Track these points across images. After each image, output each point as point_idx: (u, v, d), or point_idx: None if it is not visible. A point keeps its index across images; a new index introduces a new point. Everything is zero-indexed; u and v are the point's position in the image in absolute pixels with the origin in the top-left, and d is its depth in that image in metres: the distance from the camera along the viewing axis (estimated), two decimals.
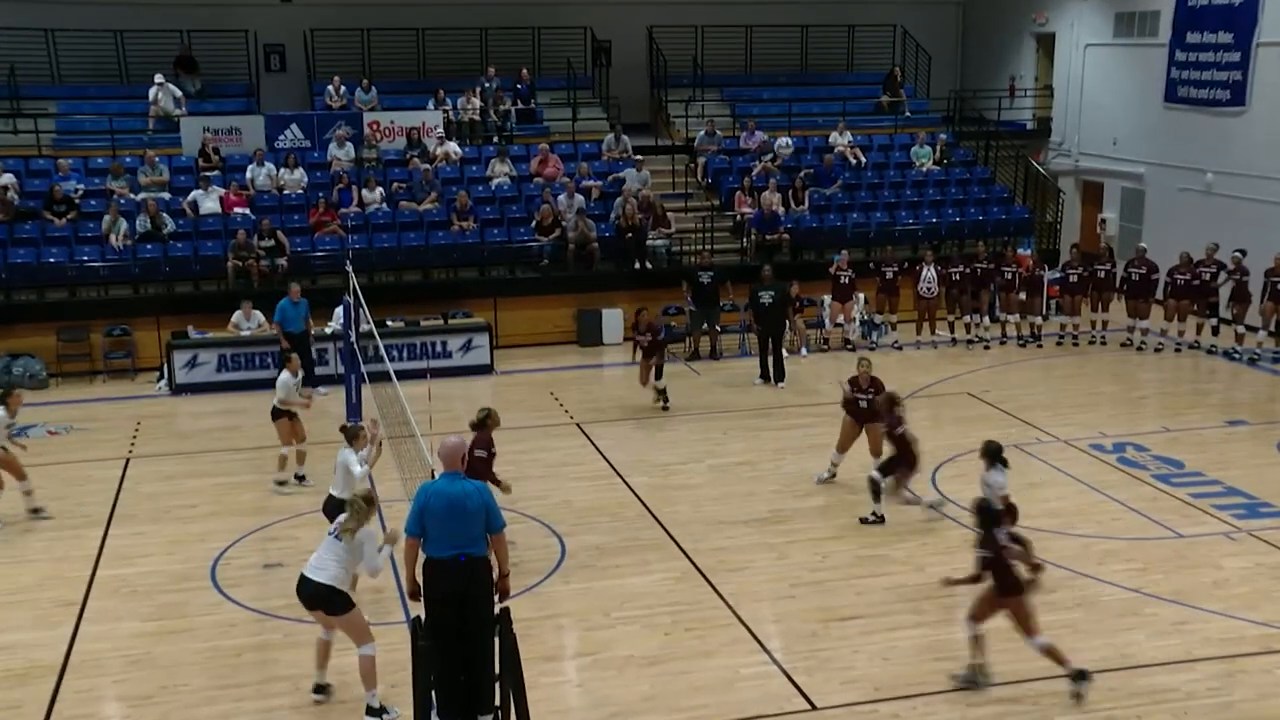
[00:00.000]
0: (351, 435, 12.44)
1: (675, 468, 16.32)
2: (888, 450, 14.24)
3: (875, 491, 14.08)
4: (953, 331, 23.05)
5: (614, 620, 11.81)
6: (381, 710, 9.90)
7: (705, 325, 22.27)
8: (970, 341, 22.82)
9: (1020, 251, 24.20)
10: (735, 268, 23.13)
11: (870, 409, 14.94)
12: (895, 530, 13.88)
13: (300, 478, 15.56)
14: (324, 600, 9.86)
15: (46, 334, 21.36)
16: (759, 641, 11.35)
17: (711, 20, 29.94)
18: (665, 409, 18.80)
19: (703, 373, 21.40)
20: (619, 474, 16.01)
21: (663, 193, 25.89)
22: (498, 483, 12.71)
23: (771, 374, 20.34)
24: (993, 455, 12.28)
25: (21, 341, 21.15)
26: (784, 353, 20.85)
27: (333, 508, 11.52)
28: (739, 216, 25.15)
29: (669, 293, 23.17)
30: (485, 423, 13.05)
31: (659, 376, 18.75)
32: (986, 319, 23.15)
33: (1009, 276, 22.82)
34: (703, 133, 27.43)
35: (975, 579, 10.40)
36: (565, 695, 10.53)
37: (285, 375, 15.53)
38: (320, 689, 10.33)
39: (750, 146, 27.04)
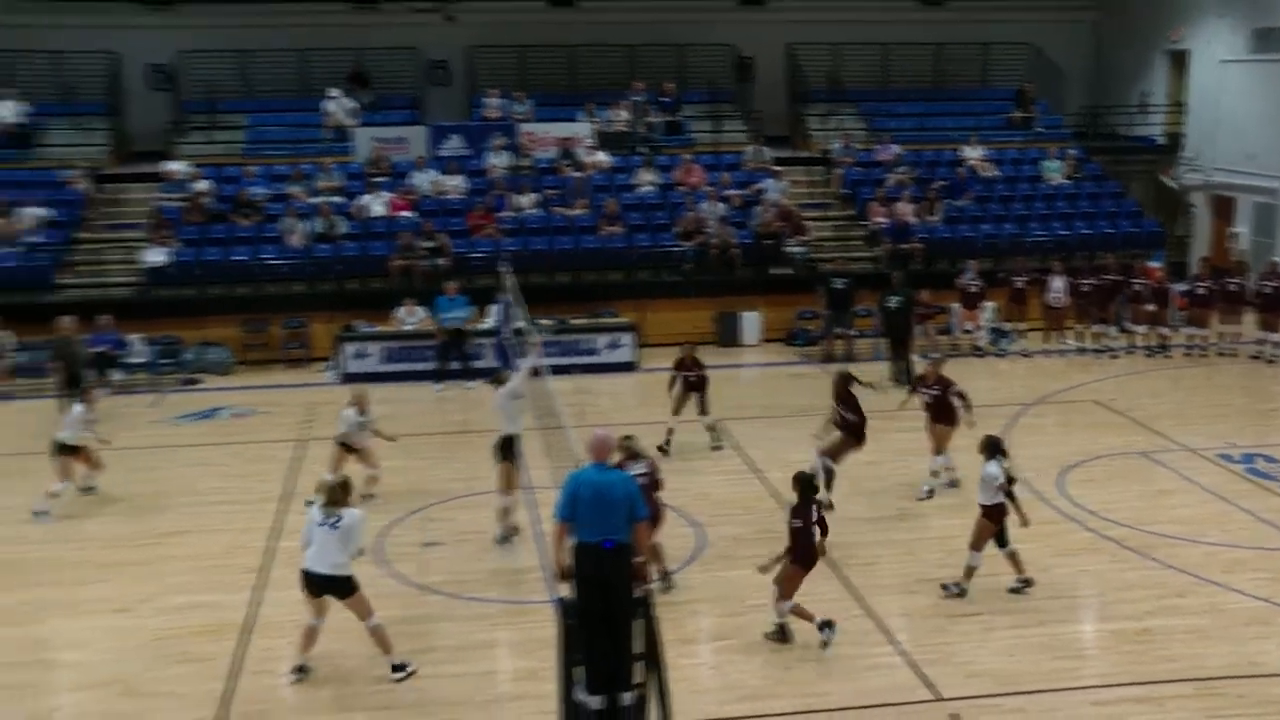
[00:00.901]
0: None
1: (808, 465, 16.18)
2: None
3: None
4: (1080, 340, 22.49)
5: (748, 608, 11.78)
6: (404, 665, 10.41)
7: (838, 329, 22.07)
8: (1098, 351, 22.22)
9: (1150, 264, 23.50)
10: (868, 275, 22.90)
11: (935, 405, 14.79)
12: (1019, 532, 13.58)
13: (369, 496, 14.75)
14: (335, 586, 10.26)
15: (232, 325, 22.14)
16: (886, 634, 11.24)
17: (850, 38, 29.71)
18: (718, 448, 16.86)
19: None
20: (755, 469, 15.98)
21: (800, 202, 25.75)
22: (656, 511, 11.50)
23: (900, 377, 20.06)
24: (991, 448, 11.93)
25: (211, 332, 21.98)
26: (912, 357, 20.57)
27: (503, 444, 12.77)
28: (872, 226, 24.88)
29: (804, 298, 23.07)
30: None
31: (704, 412, 16.90)
32: (1114, 329, 22.54)
33: (1138, 288, 22.20)
34: (839, 145, 27.20)
35: (787, 552, 10.88)
36: (700, 677, 10.56)
37: (350, 412, 14.68)
38: (301, 669, 10.52)
39: (885, 159, 26.72)
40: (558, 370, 17.28)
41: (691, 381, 16.74)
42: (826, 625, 10.92)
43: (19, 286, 22.00)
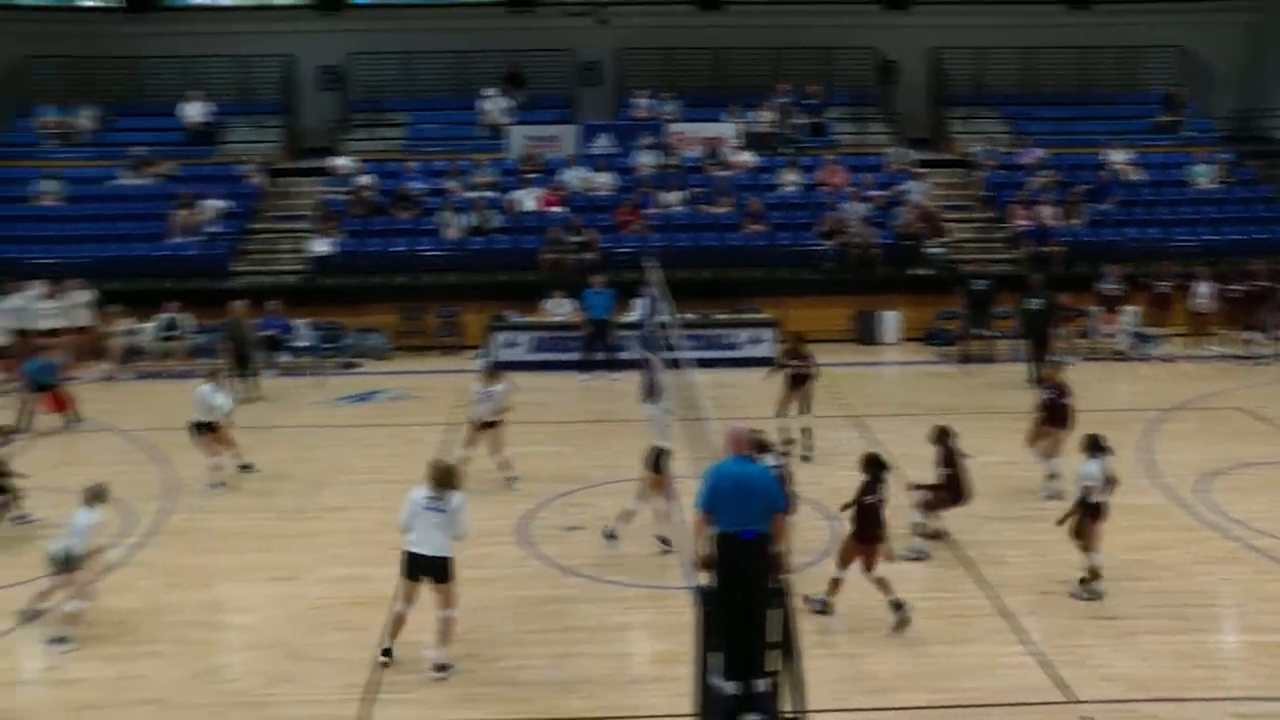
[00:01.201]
0: None
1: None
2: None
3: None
4: (1226, 346, 21.64)
5: (881, 601, 11.65)
6: (448, 666, 10.29)
7: (975, 329, 21.63)
8: (1244, 357, 21.37)
9: None
10: (1008, 277, 22.40)
11: (1049, 407, 14.41)
12: (1158, 538, 13.18)
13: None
14: (436, 569, 10.21)
15: (390, 313, 22.72)
16: (1019, 633, 11.00)
17: (994, 41, 29.09)
18: (808, 459, 15.70)
19: (974, 375, 20.82)
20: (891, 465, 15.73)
21: (941, 204, 25.32)
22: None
23: (1038, 379, 19.59)
24: (1092, 447, 11.49)
25: (370, 319, 22.62)
26: (1050, 359, 20.05)
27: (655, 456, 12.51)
28: (1014, 228, 24.32)
29: (944, 298, 22.72)
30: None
31: (807, 410, 15.98)
32: (1262, 335, 21.64)
33: None
34: (981, 148, 26.65)
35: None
36: (833, 667, 10.46)
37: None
38: (388, 653, 10.54)
39: (1028, 162, 26.08)
40: (701, 364, 17.32)
41: (797, 374, 15.92)
42: (898, 606, 10.93)
43: (198, 273, 22.95)
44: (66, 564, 10.76)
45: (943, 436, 12.91)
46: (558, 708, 9.82)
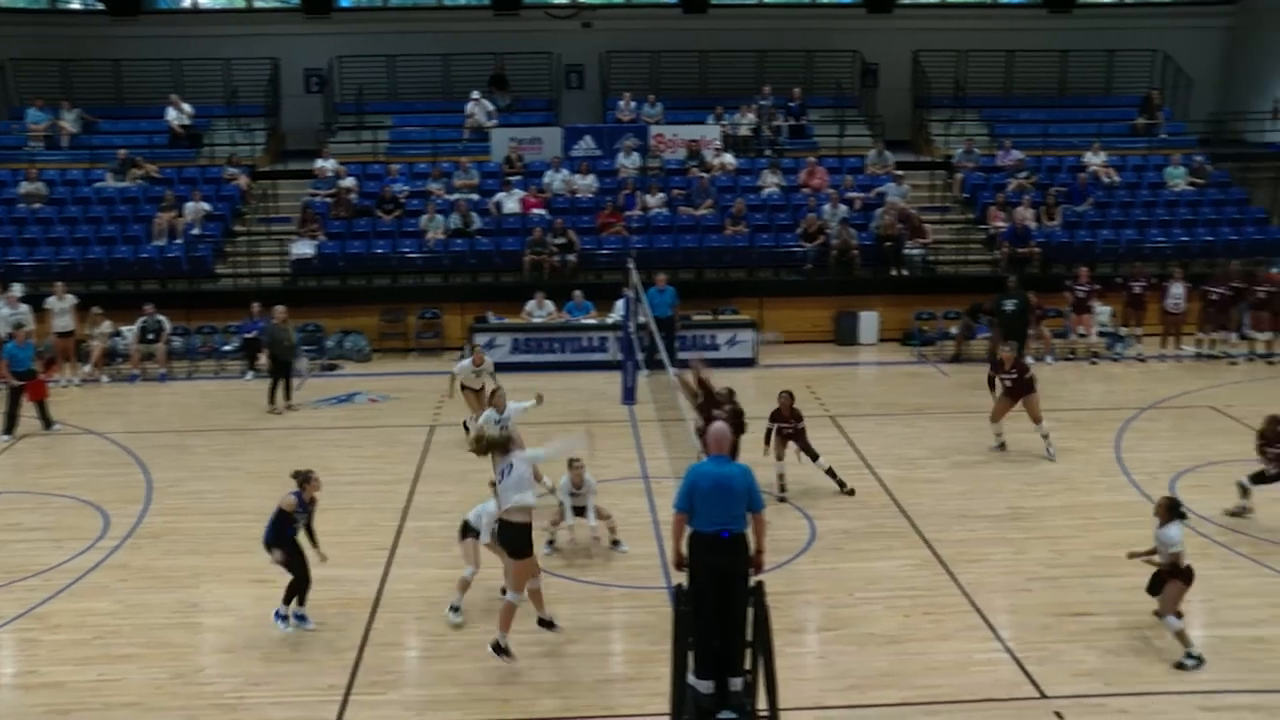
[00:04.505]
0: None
1: (922, 462, 15.99)
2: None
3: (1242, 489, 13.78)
4: (1199, 346, 21.74)
5: (857, 600, 11.68)
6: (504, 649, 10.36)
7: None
8: (1216, 357, 21.47)
9: (1274, 271, 22.59)
10: (987, 278, 22.46)
11: (1015, 387, 15.91)
12: (1130, 535, 13.19)
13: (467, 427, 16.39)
14: (509, 533, 10.31)
15: (371, 315, 22.65)
16: (993, 630, 11.01)
17: (974, 45, 29.11)
18: (850, 492, 14.68)
19: (950, 375, 20.86)
20: (868, 465, 15.79)
21: (920, 205, 25.35)
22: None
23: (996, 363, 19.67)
24: (1170, 510, 10.68)
25: (351, 320, 22.52)
26: (1028, 359, 20.11)
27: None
28: (992, 230, 24.38)
29: (921, 299, 22.84)
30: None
31: (815, 458, 14.80)
32: (1234, 335, 21.73)
33: (1261, 295, 21.38)
34: (961, 150, 26.72)
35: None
36: (808, 665, 10.48)
37: (467, 363, 16.85)
38: (549, 623, 10.83)
39: (1007, 164, 26.14)
40: (679, 364, 17.32)
41: (788, 434, 14.84)
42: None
43: (181, 275, 22.86)
44: None
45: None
46: (535, 708, 9.80)
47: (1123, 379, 20.63)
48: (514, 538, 10.28)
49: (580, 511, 12.86)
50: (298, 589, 11.03)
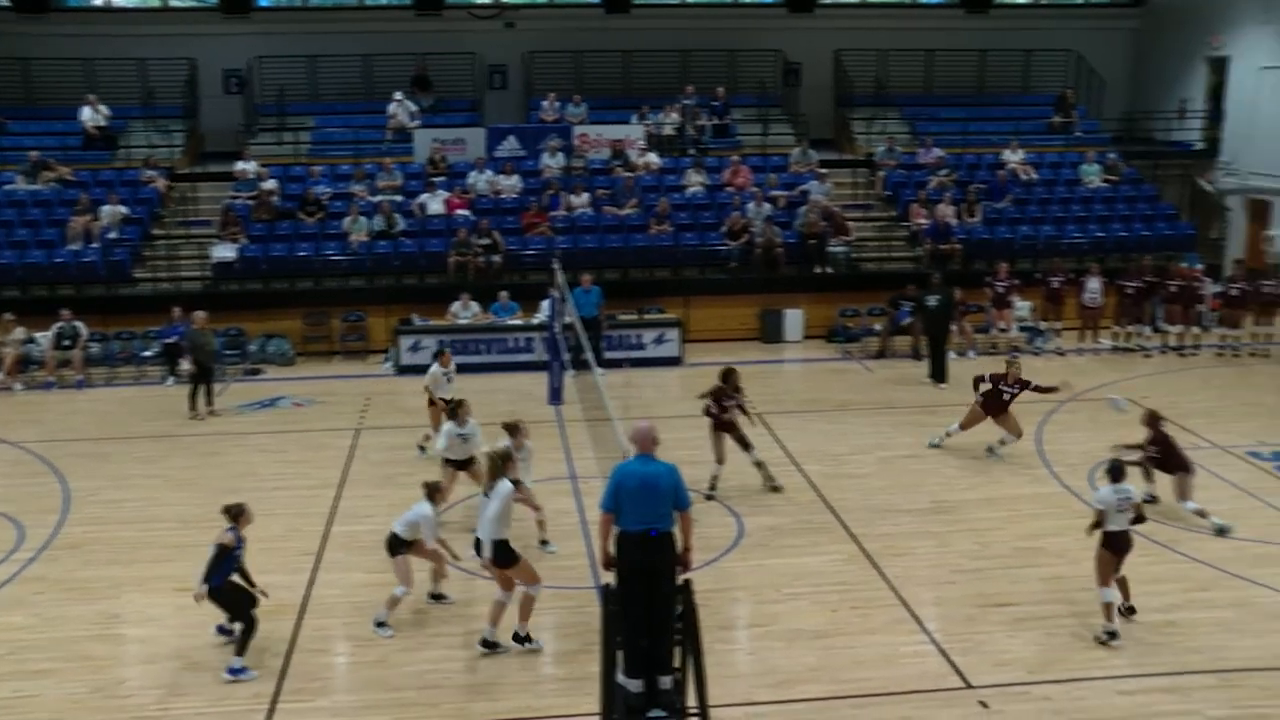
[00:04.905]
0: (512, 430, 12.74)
1: (846, 458, 16.15)
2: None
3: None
4: (1115, 340, 22.22)
5: (785, 596, 11.77)
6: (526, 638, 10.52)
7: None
8: (1131, 350, 21.95)
9: (1184, 265, 23.17)
10: (909, 275, 22.74)
11: (1001, 403, 15.74)
12: (1051, 525, 13.46)
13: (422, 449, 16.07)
14: (495, 552, 10.37)
15: (294, 318, 22.35)
16: (919, 622, 11.17)
17: (895, 45, 29.48)
18: (777, 489, 14.75)
19: (874, 371, 21.08)
20: (794, 461, 15.91)
21: (844, 203, 25.60)
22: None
23: (938, 374, 19.93)
24: (1113, 472, 11.00)
25: (274, 324, 22.20)
26: (950, 355, 20.44)
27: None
28: (914, 227, 24.69)
29: (846, 295, 23.14)
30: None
31: (748, 449, 14.67)
32: (1148, 329, 22.24)
33: (1173, 289, 21.90)
34: (883, 148, 27.02)
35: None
36: (738, 662, 10.54)
37: (435, 367, 15.91)
38: (525, 640, 10.74)
39: (927, 162, 26.50)
40: (605, 364, 17.30)
41: (720, 422, 14.62)
42: None
43: (97, 280, 22.38)
44: None
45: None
46: (465, 711, 9.75)
47: (1042, 373, 20.84)
48: (498, 554, 10.45)
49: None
50: (248, 635, 10.45)
